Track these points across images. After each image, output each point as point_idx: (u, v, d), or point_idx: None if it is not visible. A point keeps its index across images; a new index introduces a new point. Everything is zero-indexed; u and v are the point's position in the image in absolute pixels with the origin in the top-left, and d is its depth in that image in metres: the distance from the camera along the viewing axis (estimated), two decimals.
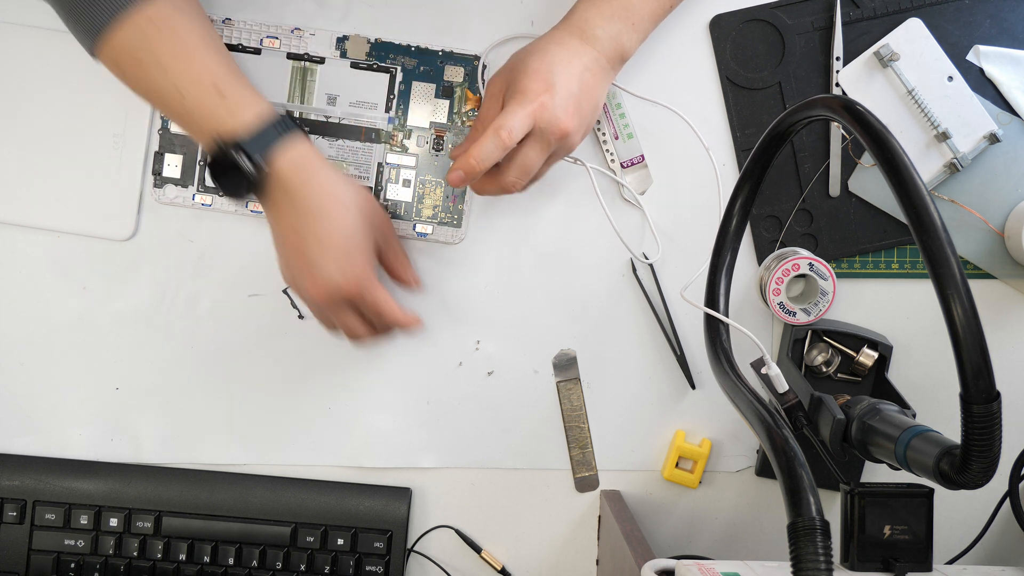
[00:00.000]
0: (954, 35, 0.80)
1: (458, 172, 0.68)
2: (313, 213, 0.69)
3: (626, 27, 0.74)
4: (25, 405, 0.82)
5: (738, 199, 0.62)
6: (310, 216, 0.69)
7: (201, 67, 0.69)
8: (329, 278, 0.69)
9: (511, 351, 0.82)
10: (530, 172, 0.71)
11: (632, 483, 0.83)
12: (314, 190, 0.69)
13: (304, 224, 0.69)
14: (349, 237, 0.70)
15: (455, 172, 0.68)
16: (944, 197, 0.80)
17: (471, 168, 0.68)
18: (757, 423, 0.51)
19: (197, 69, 0.69)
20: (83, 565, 0.80)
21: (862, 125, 0.50)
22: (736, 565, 0.55)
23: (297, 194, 0.69)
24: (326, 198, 0.69)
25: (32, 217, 0.81)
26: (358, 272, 0.70)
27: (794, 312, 0.77)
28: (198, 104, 0.68)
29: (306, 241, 0.69)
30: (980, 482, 0.47)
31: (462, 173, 0.68)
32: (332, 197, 0.70)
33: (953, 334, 0.45)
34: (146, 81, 0.69)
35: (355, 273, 0.70)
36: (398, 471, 0.83)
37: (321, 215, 0.69)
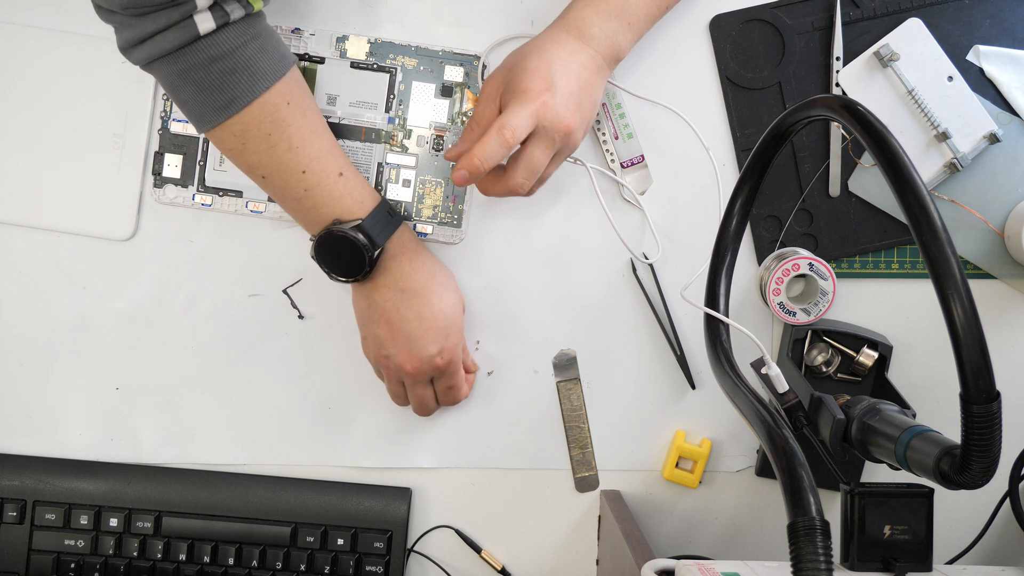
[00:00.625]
0: (954, 35, 0.80)
1: (462, 172, 0.69)
2: (418, 292, 0.74)
3: (622, 26, 0.74)
4: (25, 405, 0.82)
5: (738, 199, 0.62)
6: (415, 295, 0.74)
7: (327, 151, 0.72)
8: (425, 353, 0.74)
9: (511, 351, 0.82)
10: (537, 171, 0.71)
11: (632, 483, 0.83)
12: (418, 269, 0.74)
13: (407, 302, 0.74)
14: (448, 315, 0.75)
15: (459, 172, 0.69)
16: (944, 197, 0.80)
17: (475, 168, 0.68)
18: (757, 423, 0.51)
19: (324, 152, 0.72)
20: (83, 565, 0.80)
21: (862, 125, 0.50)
22: (736, 565, 0.55)
23: (403, 274, 0.74)
24: (429, 279, 0.74)
25: (32, 217, 0.81)
26: (453, 347, 0.75)
27: (794, 312, 0.77)
28: (320, 187, 0.72)
29: (406, 318, 0.73)
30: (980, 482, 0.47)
31: (466, 173, 0.69)
32: (435, 279, 0.75)
33: (953, 334, 0.45)
34: (270, 158, 0.70)
35: (450, 348, 0.75)
36: (398, 471, 0.83)
37: (424, 294, 0.74)
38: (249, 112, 0.68)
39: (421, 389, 0.77)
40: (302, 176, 0.71)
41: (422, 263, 0.75)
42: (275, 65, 0.69)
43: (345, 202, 0.72)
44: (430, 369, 0.75)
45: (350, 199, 0.72)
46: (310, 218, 0.73)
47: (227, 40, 0.66)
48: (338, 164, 0.72)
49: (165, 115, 0.81)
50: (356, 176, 0.74)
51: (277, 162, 0.71)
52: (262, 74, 0.68)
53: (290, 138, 0.70)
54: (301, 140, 0.71)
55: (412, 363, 0.74)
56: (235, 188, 0.81)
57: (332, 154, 0.72)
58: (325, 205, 0.72)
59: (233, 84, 0.67)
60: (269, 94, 0.69)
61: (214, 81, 0.67)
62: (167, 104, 0.81)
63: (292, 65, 0.71)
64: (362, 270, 0.72)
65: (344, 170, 0.73)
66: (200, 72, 0.66)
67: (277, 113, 0.69)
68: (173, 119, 0.81)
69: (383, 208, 0.74)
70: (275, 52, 0.70)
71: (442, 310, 0.74)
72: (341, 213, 0.72)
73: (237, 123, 0.69)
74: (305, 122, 0.71)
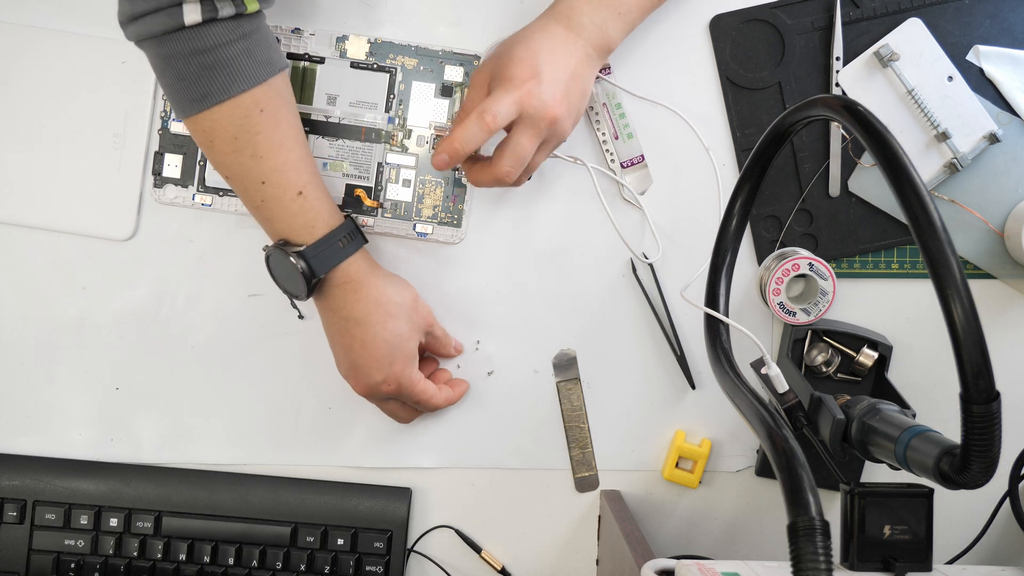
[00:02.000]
0: (954, 35, 0.80)
1: (442, 155, 0.69)
2: (360, 321, 0.73)
3: (612, 15, 0.73)
4: (25, 405, 0.82)
5: (738, 199, 0.62)
6: (356, 324, 0.73)
7: (291, 166, 0.71)
8: (370, 379, 0.74)
9: (511, 351, 0.82)
10: (523, 159, 0.71)
11: (632, 483, 0.83)
12: (361, 300, 0.73)
13: (350, 330, 0.73)
14: (392, 343, 0.74)
15: (439, 155, 0.69)
16: (944, 197, 0.80)
17: (455, 151, 0.68)
18: (757, 423, 0.51)
19: (287, 167, 0.70)
20: (83, 565, 0.80)
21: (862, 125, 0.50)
22: (736, 565, 0.55)
23: (345, 303, 0.73)
24: (373, 309, 0.73)
25: (32, 217, 0.81)
26: (397, 374, 0.74)
27: (794, 312, 0.77)
28: (276, 201, 0.71)
29: (351, 344, 0.73)
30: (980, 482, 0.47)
31: (446, 156, 0.69)
32: (378, 307, 0.73)
33: (953, 334, 0.45)
34: (233, 161, 0.70)
35: (395, 375, 0.74)
36: (398, 471, 0.83)
37: (366, 323, 0.73)
38: (220, 111, 0.68)
39: (387, 405, 0.78)
40: (261, 186, 0.70)
41: (366, 294, 0.73)
42: (258, 69, 0.68)
43: (296, 223, 0.71)
44: (380, 394, 0.75)
45: (301, 221, 0.71)
46: (265, 228, 0.73)
47: (211, 36, 0.66)
48: (300, 182, 0.71)
49: (165, 115, 0.81)
50: (317, 198, 0.72)
51: (240, 167, 0.70)
52: (240, 76, 0.67)
53: (256, 146, 0.69)
54: (268, 150, 0.69)
55: (360, 388, 0.75)
56: None
57: (296, 170, 0.71)
58: (278, 221, 0.71)
59: (208, 80, 0.67)
60: (243, 97, 0.68)
61: (192, 73, 0.66)
62: (167, 104, 0.81)
63: (278, 72, 0.70)
64: (302, 293, 0.72)
65: (305, 189, 0.71)
66: (180, 61, 0.66)
67: (248, 118, 0.68)
68: (173, 119, 0.81)
69: (335, 236, 0.72)
70: (261, 56, 0.68)
71: (385, 339, 0.73)
72: (290, 234, 0.71)
73: (207, 119, 0.68)
74: (276, 132, 0.70)
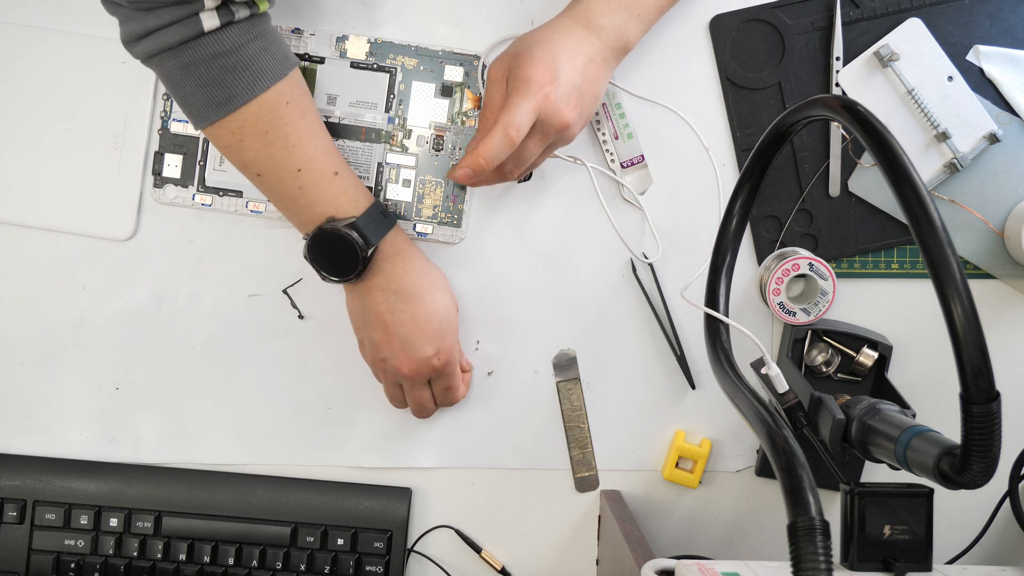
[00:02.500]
0: (954, 35, 0.80)
1: (466, 170, 0.69)
2: (410, 294, 0.73)
3: (631, 17, 0.74)
4: (25, 405, 0.82)
5: (738, 199, 0.62)
6: (407, 297, 0.73)
7: (323, 150, 0.72)
8: (422, 355, 0.74)
9: (511, 351, 0.82)
10: (526, 162, 0.72)
11: (632, 483, 0.83)
12: (411, 271, 0.74)
13: (401, 304, 0.73)
14: (443, 316, 0.75)
15: (463, 170, 0.69)
16: (944, 197, 0.80)
17: (480, 167, 0.69)
18: (757, 423, 0.51)
19: (320, 152, 0.72)
20: (83, 565, 0.80)
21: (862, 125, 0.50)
22: (736, 565, 0.55)
23: (395, 276, 0.74)
24: (421, 280, 0.74)
25: (32, 217, 0.81)
26: (448, 348, 0.75)
27: (794, 312, 0.77)
28: (315, 185, 0.72)
29: (400, 320, 0.73)
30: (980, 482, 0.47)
31: (470, 171, 0.69)
32: (427, 280, 0.75)
33: (953, 334, 0.45)
34: (266, 156, 0.71)
35: (446, 349, 0.75)
36: (398, 471, 0.83)
37: (418, 297, 0.74)
38: (248, 110, 0.69)
39: (419, 391, 0.77)
40: (297, 174, 0.71)
41: (415, 264, 0.75)
42: (277, 65, 0.69)
43: (340, 200, 0.72)
44: (427, 371, 0.75)
45: (344, 198, 0.72)
46: (304, 217, 0.73)
47: (230, 38, 0.67)
48: (334, 163, 0.73)
49: (165, 115, 0.81)
50: (351, 176, 0.74)
51: (273, 160, 0.71)
52: (263, 73, 0.68)
53: (287, 136, 0.70)
54: (298, 139, 0.71)
55: (409, 365, 0.74)
56: (235, 188, 0.81)
57: (328, 153, 0.73)
58: (320, 203, 0.72)
59: (234, 81, 0.68)
60: (268, 93, 0.69)
61: (215, 77, 0.67)
62: (167, 104, 0.81)
63: (294, 66, 0.71)
64: (355, 269, 0.72)
65: (339, 169, 0.73)
66: (201, 68, 0.67)
67: (275, 112, 0.70)
68: (173, 119, 0.81)
69: (377, 208, 0.74)
70: (278, 52, 0.70)
71: (436, 311, 0.74)
72: (335, 211, 0.72)
73: (235, 120, 0.69)
74: (303, 122, 0.71)
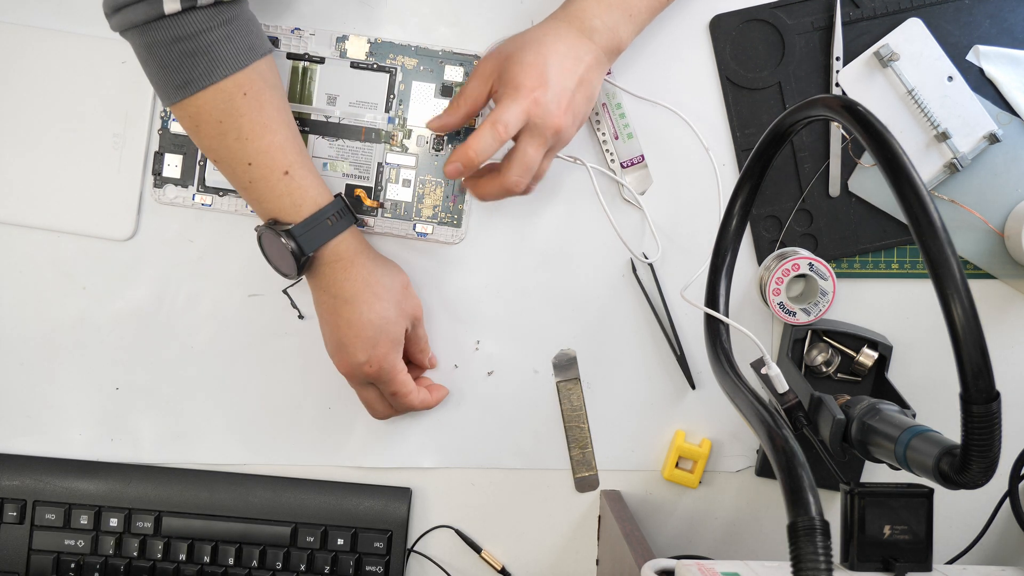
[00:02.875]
0: (954, 35, 0.80)
1: (456, 164, 0.69)
2: (347, 300, 0.73)
3: (624, 18, 0.74)
4: (25, 405, 0.82)
5: (738, 199, 0.62)
6: (344, 303, 0.73)
7: (277, 147, 0.71)
8: (353, 358, 0.74)
9: (511, 351, 0.82)
10: (531, 168, 0.72)
11: (632, 483, 0.83)
12: (350, 279, 0.73)
13: (337, 308, 0.74)
14: (377, 325, 0.74)
15: (453, 164, 0.69)
16: (944, 197, 0.80)
17: (469, 160, 0.68)
18: (757, 423, 0.51)
19: (273, 148, 0.71)
20: (83, 565, 0.80)
21: (862, 125, 0.50)
22: (736, 565, 0.55)
23: (335, 281, 0.73)
24: (362, 288, 0.74)
25: (32, 217, 0.81)
26: (380, 357, 0.74)
27: (794, 312, 0.77)
28: (264, 181, 0.71)
29: (337, 323, 0.74)
30: (980, 482, 0.47)
31: (460, 165, 0.69)
32: (367, 287, 0.74)
33: (953, 334, 0.45)
34: (220, 145, 0.71)
35: (378, 358, 0.74)
36: (398, 471, 0.83)
37: (354, 302, 0.73)
38: (203, 96, 0.69)
39: (364, 392, 0.77)
40: (248, 168, 0.71)
41: (355, 273, 0.74)
42: (239, 55, 0.69)
43: (284, 202, 0.72)
44: (360, 375, 0.75)
45: (288, 201, 0.72)
46: (255, 209, 0.74)
47: (192, 23, 0.67)
48: (286, 161, 0.71)
49: (165, 115, 0.81)
50: (304, 177, 0.72)
51: (226, 149, 0.71)
52: (222, 62, 0.68)
53: (240, 128, 0.70)
54: (252, 132, 0.70)
55: (343, 367, 0.75)
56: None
57: (282, 151, 0.71)
58: (266, 201, 0.72)
59: (191, 67, 0.68)
60: (225, 82, 0.69)
61: (173, 61, 0.68)
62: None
63: (261, 56, 0.71)
64: (293, 272, 0.72)
65: (291, 169, 0.72)
66: (162, 49, 0.67)
67: (231, 102, 0.69)
68: (173, 119, 0.81)
69: (323, 214, 0.72)
70: (243, 42, 0.69)
71: (370, 320, 0.73)
72: (279, 213, 0.72)
73: (191, 105, 0.69)
74: (260, 115, 0.70)
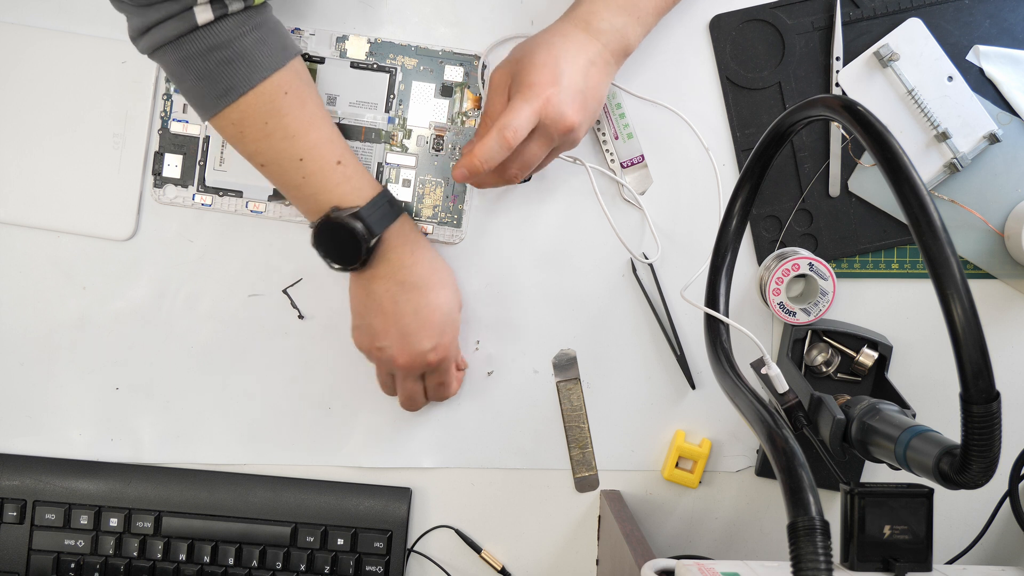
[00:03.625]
0: (954, 35, 0.80)
1: (461, 170, 0.70)
2: (416, 286, 0.73)
3: (631, 20, 0.74)
4: (25, 405, 0.82)
5: (738, 199, 0.62)
6: (412, 288, 0.73)
7: (326, 139, 0.72)
8: (419, 348, 0.74)
9: (511, 351, 0.82)
10: (531, 165, 0.72)
11: (632, 483, 0.83)
12: (419, 263, 0.74)
13: (405, 295, 0.73)
14: (446, 314, 0.74)
15: (460, 170, 0.70)
16: (944, 197, 0.80)
17: (475, 168, 0.69)
18: (757, 423, 0.51)
19: (322, 141, 0.72)
20: (83, 565, 0.80)
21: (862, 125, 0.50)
22: (736, 565, 0.55)
23: (402, 266, 0.73)
24: (430, 274, 0.74)
25: (32, 217, 0.81)
26: (447, 344, 0.75)
27: (794, 312, 0.77)
28: (319, 174, 0.72)
29: (403, 311, 0.73)
30: (980, 482, 0.47)
31: (466, 171, 0.69)
32: (435, 274, 0.74)
33: (953, 334, 0.45)
34: (267, 147, 0.71)
35: (444, 345, 0.75)
36: (398, 471, 0.83)
37: (423, 289, 0.73)
38: (246, 101, 0.69)
39: (411, 384, 0.77)
40: (299, 164, 0.71)
41: (423, 256, 0.75)
42: (274, 56, 0.70)
43: (343, 189, 0.72)
44: (422, 365, 0.75)
45: (348, 187, 0.72)
46: (310, 206, 0.73)
47: (225, 31, 0.67)
48: (337, 152, 0.72)
49: (165, 115, 0.81)
50: (355, 165, 0.74)
51: (274, 150, 0.71)
52: (260, 64, 0.69)
53: (287, 127, 0.70)
54: (299, 129, 0.71)
55: (404, 357, 0.74)
56: (235, 188, 0.81)
57: (331, 143, 0.73)
58: (323, 192, 0.72)
59: (231, 74, 0.68)
60: (266, 84, 0.69)
61: (212, 70, 0.68)
62: (167, 104, 0.81)
63: (294, 56, 0.72)
64: (359, 258, 0.72)
65: (343, 158, 0.73)
66: (199, 61, 0.67)
67: (274, 103, 0.70)
68: (173, 119, 0.81)
69: (383, 197, 0.73)
70: (276, 43, 0.70)
71: (439, 306, 0.74)
72: (339, 200, 0.72)
73: (235, 111, 0.70)
74: (304, 112, 0.71)
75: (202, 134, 0.81)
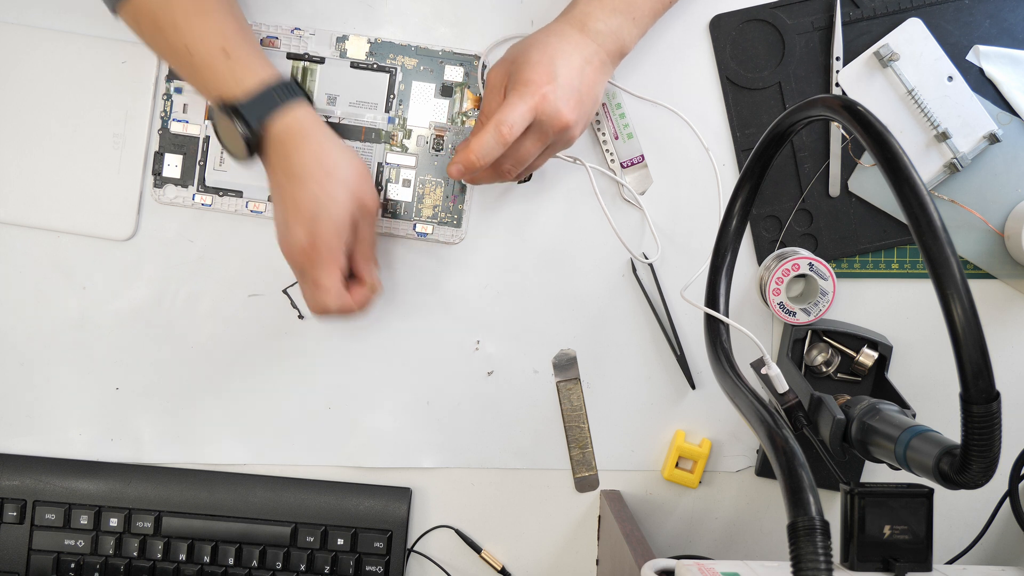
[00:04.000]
0: (954, 35, 0.80)
1: (457, 166, 0.70)
2: (295, 176, 0.71)
3: (627, 21, 0.74)
4: (25, 405, 0.82)
5: (738, 199, 0.62)
6: (292, 178, 0.71)
7: (212, 29, 0.71)
8: (294, 238, 0.71)
9: (511, 351, 0.82)
10: (525, 162, 0.72)
11: (632, 483, 0.83)
12: (302, 154, 0.71)
13: (286, 185, 0.71)
14: (321, 201, 0.70)
15: (455, 166, 0.70)
16: (944, 197, 0.80)
17: (471, 164, 0.69)
18: (757, 423, 0.51)
19: (208, 31, 0.71)
20: (83, 565, 0.80)
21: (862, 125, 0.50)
22: (736, 565, 0.55)
23: (287, 156, 0.71)
24: (312, 164, 0.71)
25: (32, 217, 0.81)
26: (316, 234, 0.70)
27: (794, 312, 0.77)
28: (204, 65, 0.71)
29: (284, 201, 0.71)
30: (980, 482, 0.47)
31: (461, 167, 0.69)
32: (317, 164, 0.71)
33: (953, 334, 0.45)
34: (160, 40, 0.71)
35: (315, 234, 0.70)
36: (398, 471, 0.83)
37: (301, 179, 0.71)
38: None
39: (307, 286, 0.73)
40: (188, 56, 0.71)
41: (307, 148, 0.71)
42: None
43: (225, 80, 0.71)
44: (296, 254, 0.71)
45: (230, 77, 0.71)
46: (207, 98, 0.73)
47: None
48: (223, 41, 0.71)
49: (165, 115, 0.81)
50: (246, 55, 0.71)
51: (165, 42, 0.71)
52: None
53: (175, 18, 0.70)
54: (185, 19, 0.70)
55: (283, 247, 0.72)
56: (235, 188, 0.81)
57: (218, 31, 0.71)
58: (210, 84, 0.71)
59: None
60: None
61: None
62: (167, 104, 0.81)
63: None
64: (244, 151, 0.71)
65: (229, 47, 0.71)
66: None
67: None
68: (173, 119, 0.81)
69: (271, 89, 0.71)
70: None
71: (316, 195, 0.70)
72: (221, 92, 0.71)
73: (130, 7, 0.71)
74: (194, 2, 0.70)
75: (202, 134, 0.81)
